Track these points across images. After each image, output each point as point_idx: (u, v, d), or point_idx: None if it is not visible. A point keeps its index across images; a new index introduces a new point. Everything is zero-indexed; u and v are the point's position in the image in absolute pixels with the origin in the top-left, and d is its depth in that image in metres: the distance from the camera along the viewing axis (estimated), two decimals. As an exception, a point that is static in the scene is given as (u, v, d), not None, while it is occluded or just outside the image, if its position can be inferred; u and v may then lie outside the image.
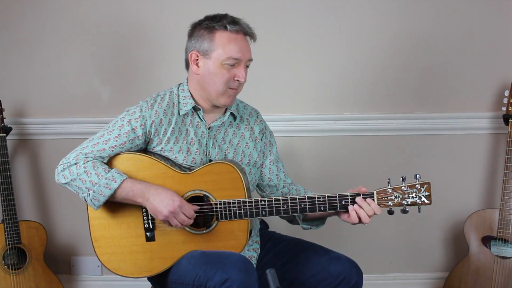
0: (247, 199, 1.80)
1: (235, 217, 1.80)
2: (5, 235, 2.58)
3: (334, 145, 2.78)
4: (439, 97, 2.75)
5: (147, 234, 1.86)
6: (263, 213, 1.80)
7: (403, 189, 1.77)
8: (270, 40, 2.65)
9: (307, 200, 1.78)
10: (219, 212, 1.81)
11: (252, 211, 1.80)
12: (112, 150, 1.85)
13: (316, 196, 1.78)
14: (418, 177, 1.77)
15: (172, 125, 1.89)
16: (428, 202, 1.77)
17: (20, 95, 2.80)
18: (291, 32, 2.72)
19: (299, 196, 1.79)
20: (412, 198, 1.77)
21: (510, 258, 2.51)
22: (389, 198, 1.77)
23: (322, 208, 1.78)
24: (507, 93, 2.61)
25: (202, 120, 1.93)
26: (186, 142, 1.90)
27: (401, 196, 1.77)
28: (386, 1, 2.69)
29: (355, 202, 1.77)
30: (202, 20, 1.87)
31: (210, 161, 1.90)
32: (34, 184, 2.87)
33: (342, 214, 1.81)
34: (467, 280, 2.58)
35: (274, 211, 1.80)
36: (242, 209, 1.79)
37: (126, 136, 1.85)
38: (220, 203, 1.80)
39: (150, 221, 1.85)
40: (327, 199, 1.78)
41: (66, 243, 2.89)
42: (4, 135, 2.62)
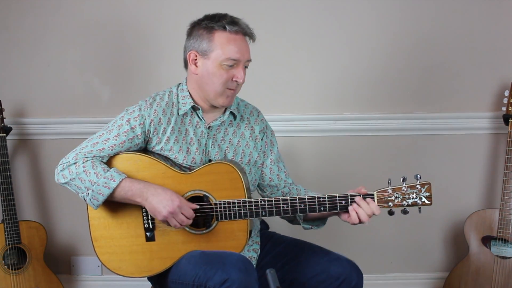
0: (246, 199, 1.80)
1: (234, 217, 1.80)
2: (5, 235, 2.58)
3: (334, 145, 2.78)
4: (439, 97, 2.75)
5: (147, 234, 1.85)
6: (263, 213, 1.80)
7: (404, 189, 1.76)
8: (270, 40, 2.65)
9: (307, 200, 1.78)
10: (219, 212, 1.80)
11: (252, 211, 1.79)
12: (112, 150, 1.84)
13: (316, 197, 1.78)
14: (419, 177, 1.76)
15: (171, 124, 1.88)
16: (429, 202, 1.76)
17: (20, 95, 2.80)
18: (291, 32, 2.72)
19: (299, 197, 1.79)
20: (413, 198, 1.76)
21: (510, 258, 2.51)
22: (389, 198, 1.77)
23: (322, 209, 1.78)
24: (507, 93, 2.61)
25: (201, 120, 1.92)
26: (186, 142, 1.90)
27: (401, 197, 1.76)
28: (386, 1, 2.69)
29: (355, 203, 1.77)
30: (201, 20, 1.86)
31: (210, 161, 1.90)
32: (34, 184, 2.87)
33: (343, 214, 1.81)
34: (467, 280, 2.57)
35: (274, 211, 1.79)
36: (242, 209, 1.79)
37: (125, 136, 1.85)
38: (220, 203, 1.80)
39: (150, 221, 1.85)
40: (327, 199, 1.78)
41: (66, 243, 2.89)
42: (4, 135, 2.62)
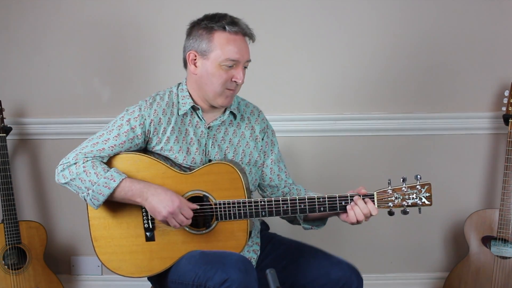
0: (246, 200, 1.79)
1: (234, 217, 1.80)
2: (5, 235, 2.58)
3: (334, 145, 2.78)
4: (439, 97, 2.75)
5: (147, 234, 1.85)
6: (263, 213, 1.80)
7: (404, 190, 1.76)
8: (270, 40, 2.65)
9: (306, 201, 1.78)
10: (218, 213, 1.80)
11: (252, 212, 1.79)
12: (112, 150, 1.84)
13: (316, 197, 1.78)
14: (419, 178, 1.75)
15: (171, 124, 1.88)
16: (429, 203, 1.76)
17: (20, 95, 2.80)
18: (291, 32, 2.72)
19: (299, 197, 1.78)
20: (413, 199, 1.76)
21: (510, 258, 2.51)
22: (389, 199, 1.76)
23: (322, 209, 1.78)
24: (507, 93, 2.61)
25: (201, 120, 1.92)
26: (186, 142, 1.90)
27: (401, 197, 1.76)
28: (386, 1, 2.69)
29: (353, 201, 1.76)
30: (201, 20, 1.85)
31: (210, 161, 1.90)
32: (34, 184, 2.87)
33: (341, 214, 1.80)
34: (467, 280, 2.57)
35: (274, 211, 1.79)
36: (242, 209, 1.79)
37: (126, 136, 1.85)
38: (220, 204, 1.80)
39: (150, 221, 1.85)
40: (326, 200, 1.77)
41: (66, 243, 2.89)
42: (4, 135, 2.62)
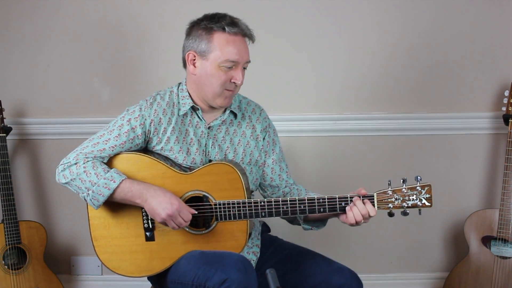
0: (246, 200, 1.79)
1: (234, 218, 1.80)
2: (5, 235, 2.58)
3: (334, 145, 2.78)
4: (439, 97, 2.75)
5: (147, 234, 1.85)
6: (263, 214, 1.79)
7: (404, 191, 1.75)
8: (270, 40, 2.65)
9: (306, 201, 1.77)
10: (218, 213, 1.80)
11: (252, 212, 1.79)
12: (112, 150, 1.84)
13: (316, 198, 1.77)
14: (419, 179, 1.74)
15: (172, 124, 1.88)
16: (429, 204, 1.75)
17: (20, 95, 2.80)
18: (291, 32, 2.72)
19: (298, 198, 1.78)
20: (413, 200, 1.75)
21: (510, 258, 2.51)
22: (389, 200, 1.75)
23: (322, 210, 1.77)
24: (507, 93, 2.61)
25: (201, 120, 1.92)
26: (186, 143, 1.90)
27: (401, 198, 1.75)
28: (387, 1, 2.69)
29: (352, 202, 1.76)
30: (200, 20, 1.85)
31: (210, 161, 1.90)
32: (34, 184, 2.87)
33: (341, 215, 1.80)
34: (467, 280, 2.57)
35: (274, 212, 1.79)
36: (242, 210, 1.79)
37: (126, 136, 1.85)
38: (220, 204, 1.80)
39: (149, 221, 1.85)
40: (326, 200, 1.77)
41: (66, 243, 2.89)
42: (4, 135, 2.62)
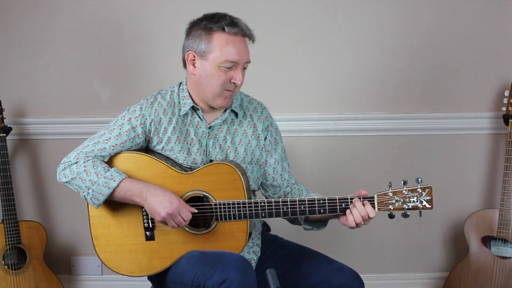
0: (246, 201, 1.79)
1: (234, 218, 1.79)
2: (5, 235, 2.58)
3: (334, 145, 2.78)
4: (439, 97, 2.75)
5: (147, 233, 1.85)
6: (263, 214, 1.79)
7: (404, 193, 1.74)
8: (270, 40, 2.65)
9: (306, 202, 1.76)
10: (218, 213, 1.80)
11: (252, 213, 1.79)
12: (113, 149, 1.85)
13: (316, 199, 1.76)
14: (420, 180, 1.73)
15: (172, 124, 1.88)
16: (430, 206, 1.74)
17: (20, 95, 2.80)
18: (291, 32, 2.72)
19: (299, 199, 1.77)
20: (413, 202, 1.73)
21: (510, 258, 2.51)
22: (389, 202, 1.74)
23: (322, 211, 1.76)
24: (507, 93, 2.61)
25: (202, 120, 1.92)
26: (187, 143, 1.89)
27: (402, 200, 1.74)
28: (387, 1, 2.69)
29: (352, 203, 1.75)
30: (200, 19, 1.84)
31: (211, 161, 1.90)
32: (34, 184, 2.87)
33: (341, 217, 1.79)
34: (467, 280, 2.57)
35: (274, 212, 1.78)
36: (242, 210, 1.79)
37: (127, 135, 1.85)
38: (220, 204, 1.80)
39: (149, 220, 1.85)
40: (327, 202, 1.76)
41: (66, 243, 2.89)
42: (4, 135, 2.62)
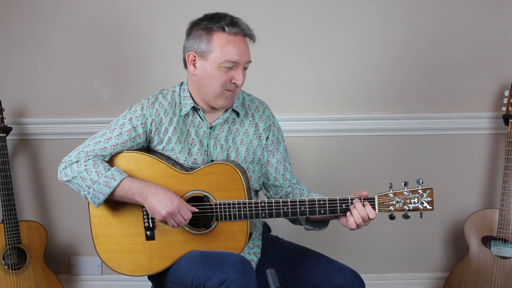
0: (247, 201, 1.79)
1: (234, 218, 1.79)
2: (5, 235, 2.58)
3: (334, 145, 2.78)
4: (439, 97, 2.75)
5: (147, 233, 1.85)
6: (263, 215, 1.79)
7: (405, 194, 1.73)
8: (270, 40, 2.65)
9: (307, 203, 1.76)
10: (218, 213, 1.80)
11: (252, 213, 1.78)
12: (114, 149, 1.85)
13: (317, 199, 1.76)
14: (421, 182, 1.73)
15: (173, 125, 1.88)
16: (431, 208, 1.73)
17: (20, 95, 2.80)
18: (291, 32, 2.72)
19: (299, 199, 1.77)
20: (414, 203, 1.73)
21: (510, 258, 2.51)
22: (390, 203, 1.74)
23: (323, 211, 1.76)
24: (507, 93, 2.61)
25: (203, 120, 1.92)
26: (188, 143, 1.89)
27: (402, 201, 1.73)
28: (387, 1, 2.69)
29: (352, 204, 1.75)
30: (200, 20, 1.84)
31: (212, 161, 1.90)
32: (34, 184, 2.87)
33: (341, 218, 1.79)
34: (467, 280, 2.57)
35: (274, 213, 1.78)
36: (242, 210, 1.78)
37: (128, 135, 1.85)
38: (220, 204, 1.80)
39: (150, 220, 1.85)
40: (327, 202, 1.76)
41: (66, 243, 2.89)
42: (4, 135, 2.62)
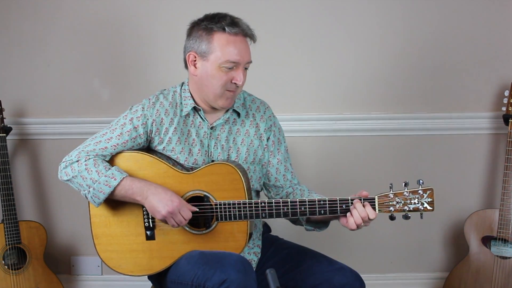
0: (247, 201, 1.79)
1: (234, 218, 1.79)
2: (5, 235, 2.58)
3: (334, 145, 2.78)
4: (439, 97, 2.75)
5: (147, 233, 1.85)
6: (263, 215, 1.78)
7: (405, 194, 1.72)
8: (270, 40, 2.65)
9: (307, 203, 1.76)
10: (219, 213, 1.80)
11: (252, 213, 1.78)
12: (114, 149, 1.85)
13: (317, 200, 1.75)
14: (421, 182, 1.72)
15: (174, 125, 1.88)
16: (431, 208, 1.72)
17: (20, 95, 2.80)
18: (291, 32, 2.72)
19: (299, 199, 1.76)
20: (414, 204, 1.72)
21: (510, 258, 2.51)
22: (390, 203, 1.73)
23: (323, 212, 1.75)
24: (507, 93, 2.61)
25: (204, 120, 1.91)
26: (188, 143, 1.89)
27: (403, 202, 1.72)
28: (386, 2, 2.69)
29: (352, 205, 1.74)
30: (201, 20, 1.84)
31: (212, 161, 1.89)
32: (34, 184, 2.87)
33: (342, 218, 1.78)
34: (467, 280, 2.57)
35: (274, 213, 1.78)
36: (242, 210, 1.78)
37: (128, 135, 1.85)
38: (220, 204, 1.79)
39: (150, 219, 1.85)
40: (327, 202, 1.75)
41: (66, 243, 2.89)
42: (4, 135, 2.62)
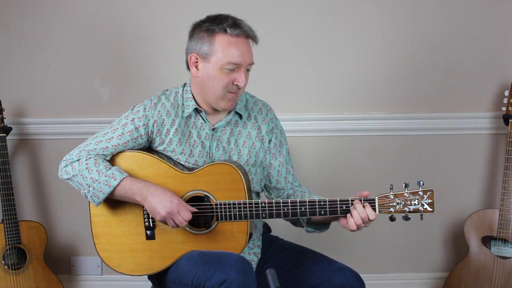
0: (247, 201, 1.79)
1: (235, 218, 1.79)
2: (5, 235, 2.58)
3: (334, 145, 2.78)
4: (439, 97, 2.75)
5: (147, 232, 1.86)
6: (263, 215, 1.78)
7: (406, 195, 1.72)
8: (271, 40, 2.64)
9: (307, 203, 1.76)
10: (219, 213, 1.80)
11: (252, 213, 1.78)
12: (115, 149, 1.85)
13: (317, 200, 1.76)
14: (421, 183, 1.72)
15: (175, 126, 1.88)
16: (431, 209, 1.72)
17: (20, 95, 2.80)
18: (292, 32, 2.72)
19: (299, 200, 1.76)
20: (415, 205, 1.72)
21: (510, 258, 2.51)
22: (390, 204, 1.73)
23: (323, 212, 1.75)
24: (507, 93, 2.61)
25: (205, 122, 1.91)
26: (189, 144, 1.89)
27: (403, 203, 1.72)
28: (387, 1, 2.69)
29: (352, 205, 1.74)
30: (203, 21, 1.84)
31: (213, 161, 1.89)
32: (34, 184, 2.87)
33: (342, 219, 1.78)
34: (467, 280, 2.57)
35: (274, 213, 1.78)
36: (242, 210, 1.78)
37: (129, 135, 1.86)
38: (220, 204, 1.80)
39: (150, 219, 1.85)
40: (327, 203, 1.75)
41: (66, 243, 2.89)
42: (4, 135, 2.62)
